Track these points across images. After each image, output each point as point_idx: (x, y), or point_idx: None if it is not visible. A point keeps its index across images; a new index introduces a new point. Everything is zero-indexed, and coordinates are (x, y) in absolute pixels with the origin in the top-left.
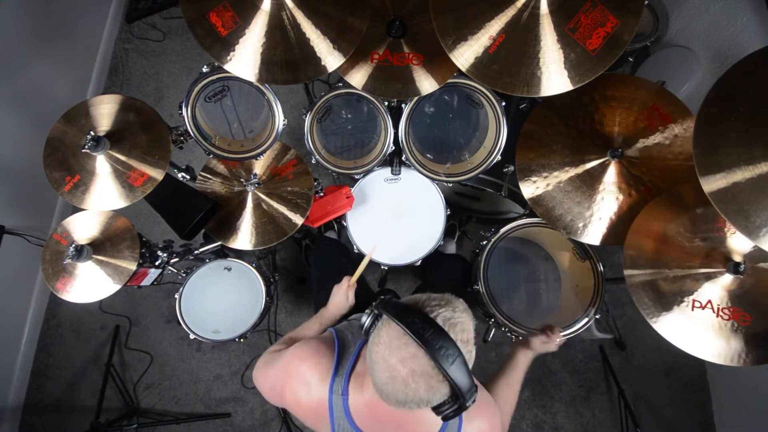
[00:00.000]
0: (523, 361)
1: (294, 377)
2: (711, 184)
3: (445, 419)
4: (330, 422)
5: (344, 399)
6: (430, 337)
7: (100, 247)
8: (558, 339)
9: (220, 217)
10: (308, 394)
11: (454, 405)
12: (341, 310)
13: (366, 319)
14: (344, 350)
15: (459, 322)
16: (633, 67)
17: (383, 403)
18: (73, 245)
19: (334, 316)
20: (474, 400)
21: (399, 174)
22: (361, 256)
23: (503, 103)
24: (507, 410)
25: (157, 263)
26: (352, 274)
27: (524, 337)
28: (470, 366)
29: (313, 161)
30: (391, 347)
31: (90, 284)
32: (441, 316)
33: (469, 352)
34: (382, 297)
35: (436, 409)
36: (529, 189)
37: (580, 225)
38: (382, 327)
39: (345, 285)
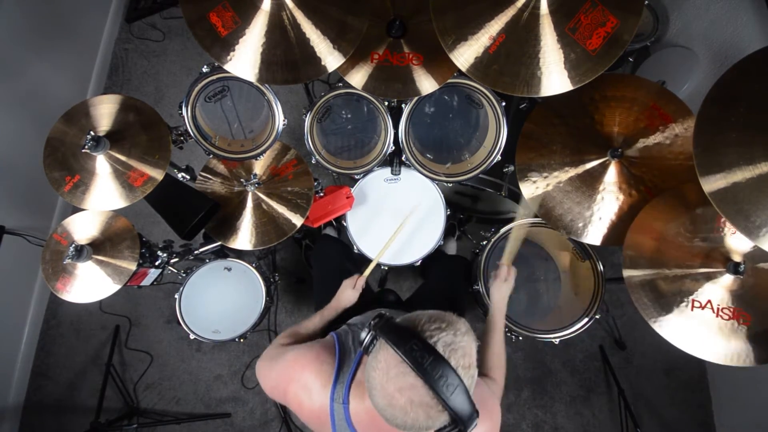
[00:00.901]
0: (496, 316)
1: (296, 382)
2: (711, 184)
3: None
4: (332, 430)
5: (345, 408)
6: (429, 366)
7: (100, 247)
8: (505, 269)
9: (220, 217)
10: (310, 399)
11: (455, 429)
12: (347, 304)
13: (365, 336)
14: (345, 357)
15: (460, 346)
16: (633, 67)
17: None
18: (73, 245)
19: (337, 309)
20: (475, 425)
21: (399, 174)
22: (361, 255)
23: (503, 103)
24: (501, 372)
25: (157, 263)
26: (353, 273)
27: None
28: (472, 389)
29: (313, 161)
30: (388, 375)
31: (90, 284)
32: (441, 341)
33: (471, 377)
34: (382, 314)
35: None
36: (529, 189)
37: (580, 225)
38: (380, 350)
39: (355, 279)
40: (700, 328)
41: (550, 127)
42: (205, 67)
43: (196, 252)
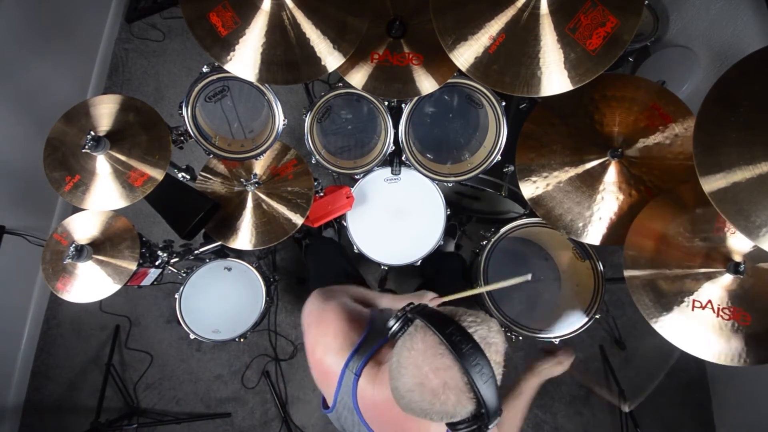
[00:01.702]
0: (527, 389)
1: (319, 331)
2: (711, 184)
3: None
4: (335, 392)
5: (355, 379)
6: (468, 352)
7: (101, 247)
8: (566, 360)
9: (220, 217)
10: (324, 354)
11: (473, 425)
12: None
13: (394, 323)
14: (372, 334)
15: (494, 342)
16: (633, 67)
17: (392, 405)
18: (74, 245)
19: (388, 306)
20: (496, 424)
21: (399, 174)
22: (361, 255)
23: (503, 103)
24: None
25: (157, 263)
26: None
27: (528, 364)
28: (498, 386)
29: (313, 161)
30: (426, 355)
31: (90, 284)
32: (478, 333)
33: (499, 375)
34: (412, 303)
35: (453, 426)
36: (529, 189)
37: (580, 225)
38: (417, 333)
39: (430, 297)
40: (700, 328)
41: (550, 127)
42: (205, 67)
43: (196, 252)
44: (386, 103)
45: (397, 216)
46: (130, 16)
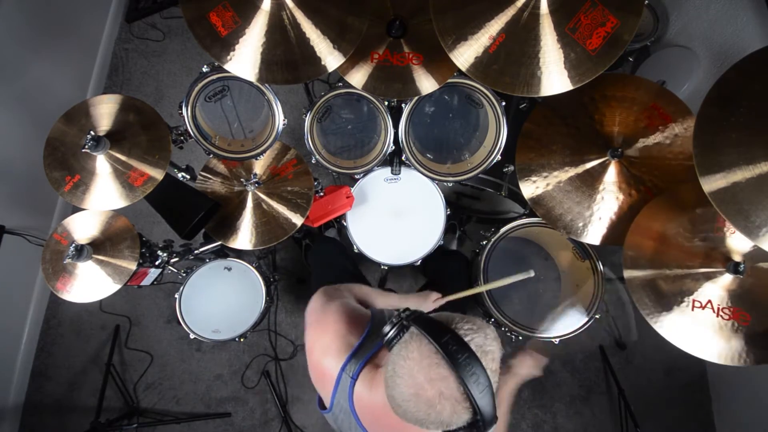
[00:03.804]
0: (504, 393)
1: (318, 331)
2: (711, 184)
3: None
4: (332, 394)
5: (352, 382)
6: (464, 361)
7: (101, 246)
8: (541, 362)
9: (220, 216)
10: (322, 356)
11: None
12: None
13: (390, 329)
14: (372, 336)
15: (490, 350)
16: (633, 66)
17: (389, 411)
18: (74, 245)
19: (401, 305)
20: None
21: (399, 174)
22: (361, 255)
23: (503, 103)
24: None
25: (157, 263)
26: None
27: (504, 364)
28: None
29: (313, 161)
30: (421, 365)
31: (90, 284)
32: (474, 341)
33: (495, 383)
34: (408, 308)
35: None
36: (529, 189)
37: (580, 225)
38: (412, 341)
39: (439, 296)
40: (700, 328)
41: (550, 127)
42: (205, 66)
43: (196, 252)
44: (386, 102)
45: (397, 216)
46: (130, 16)
